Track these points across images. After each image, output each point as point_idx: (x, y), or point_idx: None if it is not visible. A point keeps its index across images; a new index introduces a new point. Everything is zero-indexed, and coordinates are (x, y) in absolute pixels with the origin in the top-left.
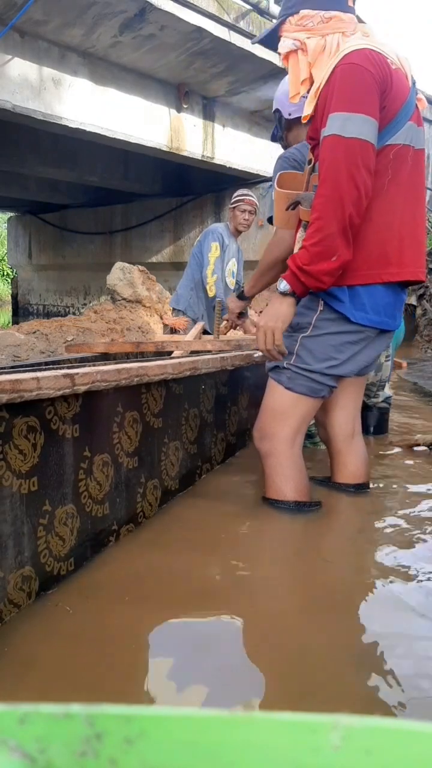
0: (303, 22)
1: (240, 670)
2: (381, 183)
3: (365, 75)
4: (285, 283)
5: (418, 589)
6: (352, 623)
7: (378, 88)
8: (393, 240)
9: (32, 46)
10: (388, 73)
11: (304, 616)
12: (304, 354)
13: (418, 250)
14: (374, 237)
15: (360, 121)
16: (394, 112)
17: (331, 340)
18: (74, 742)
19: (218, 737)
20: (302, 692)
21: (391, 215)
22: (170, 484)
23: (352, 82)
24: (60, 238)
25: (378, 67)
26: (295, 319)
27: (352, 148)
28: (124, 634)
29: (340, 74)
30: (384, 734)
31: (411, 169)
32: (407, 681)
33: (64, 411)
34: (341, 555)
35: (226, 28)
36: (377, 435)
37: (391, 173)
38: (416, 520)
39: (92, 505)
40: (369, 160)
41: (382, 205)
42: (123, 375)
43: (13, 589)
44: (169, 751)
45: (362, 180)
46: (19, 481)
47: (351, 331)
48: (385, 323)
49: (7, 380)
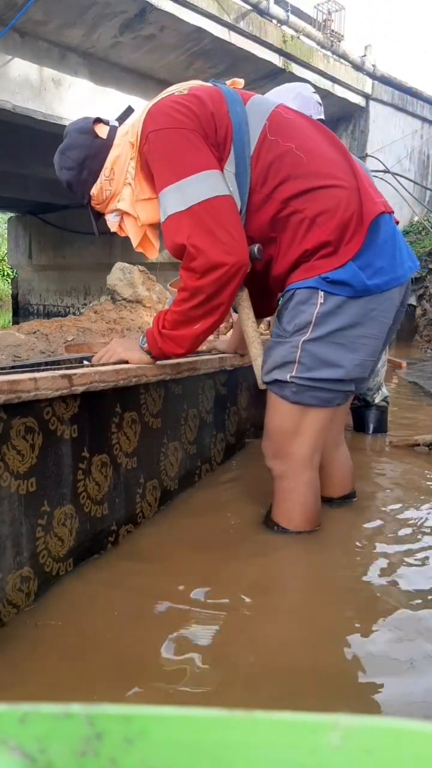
0: (100, 198)
1: (240, 673)
2: (291, 162)
3: (175, 133)
4: (145, 340)
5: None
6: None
7: (198, 132)
8: (342, 195)
9: (32, 46)
10: (198, 108)
11: (308, 634)
12: (309, 361)
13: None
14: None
15: (194, 182)
16: (228, 134)
17: (340, 337)
18: (74, 742)
19: (218, 737)
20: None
21: (327, 173)
22: (169, 484)
23: (167, 149)
24: (60, 238)
25: (185, 114)
26: (288, 319)
27: (197, 214)
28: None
29: (148, 147)
30: (384, 734)
31: (298, 124)
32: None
33: (62, 411)
34: (342, 556)
35: (226, 29)
36: (377, 434)
37: (292, 145)
38: (417, 521)
39: (91, 506)
40: (223, 213)
41: (311, 175)
42: (121, 375)
43: (11, 590)
44: (169, 751)
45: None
46: (18, 482)
47: (364, 313)
48: (399, 273)
49: (5, 381)
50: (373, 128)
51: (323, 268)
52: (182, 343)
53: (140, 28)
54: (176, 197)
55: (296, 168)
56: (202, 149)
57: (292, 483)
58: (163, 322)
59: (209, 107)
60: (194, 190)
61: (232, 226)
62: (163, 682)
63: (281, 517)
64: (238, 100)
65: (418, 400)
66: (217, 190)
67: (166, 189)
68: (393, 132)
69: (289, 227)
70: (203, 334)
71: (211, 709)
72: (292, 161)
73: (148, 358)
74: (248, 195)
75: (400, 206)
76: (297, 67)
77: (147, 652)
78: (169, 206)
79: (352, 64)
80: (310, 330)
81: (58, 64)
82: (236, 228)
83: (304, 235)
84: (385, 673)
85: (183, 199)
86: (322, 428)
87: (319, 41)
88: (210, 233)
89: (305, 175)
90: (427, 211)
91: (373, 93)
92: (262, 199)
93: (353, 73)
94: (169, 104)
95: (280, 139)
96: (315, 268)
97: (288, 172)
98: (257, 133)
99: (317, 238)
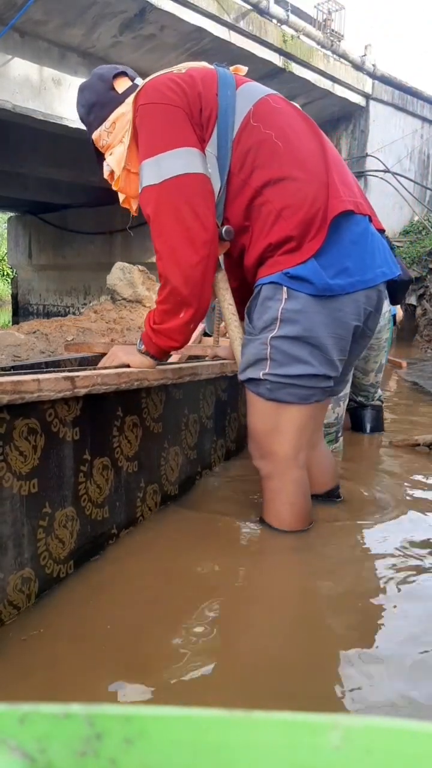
0: (99, 144)
1: (240, 676)
2: (268, 150)
3: (162, 108)
4: (141, 342)
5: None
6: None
7: (184, 110)
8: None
9: (32, 46)
10: (189, 87)
11: (301, 628)
12: (280, 357)
13: (344, 183)
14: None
15: (171, 157)
16: (212, 116)
17: (305, 334)
18: (74, 742)
19: (218, 737)
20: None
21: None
22: (170, 489)
23: (152, 123)
24: (60, 238)
25: (175, 91)
26: (257, 315)
27: (167, 189)
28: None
29: (138, 120)
30: (384, 734)
31: (286, 113)
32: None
33: (64, 413)
34: (344, 557)
35: (226, 28)
36: (374, 433)
37: (272, 133)
38: (417, 520)
39: (92, 508)
40: (193, 192)
41: (284, 165)
42: (123, 379)
43: (12, 591)
44: (169, 751)
45: (190, 216)
46: (20, 483)
47: (328, 312)
48: (368, 277)
49: (9, 381)
50: (373, 128)
51: (286, 264)
52: (174, 336)
53: (140, 28)
54: (152, 170)
55: (271, 156)
56: (185, 127)
57: (279, 483)
58: (153, 318)
59: (198, 87)
60: (169, 165)
61: (201, 206)
62: (163, 682)
63: (272, 517)
64: (230, 84)
65: (418, 399)
66: (191, 168)
67: (145, 161)
68: (393, 132)
69: (260, 217)
70: (191, 321)
71: (211, 709)
72: (268, 149)
73: (149, 361)
74: (227, 178)
75: (400, 206)
76: (297, 66)
77: (147, 651)
78: (145, 178)
79: (352, 63)
80: (277, 327)
81: (58, 64)
82: (205, 208)
83: (270, 228)
84: (385, 673)
85: (158, 173)
86: (302, 426)
87: (319, 41)
88: (176, 215)
89: (279, 164)
90: (427, 211)
91: (374, 93)
92: (239, 185)
93: (353, 72)
94: (163, 80)
95: (262, 126)
96: (278, 263)
97: (263, 159)
98: (241, 119)
99: (281, 231)
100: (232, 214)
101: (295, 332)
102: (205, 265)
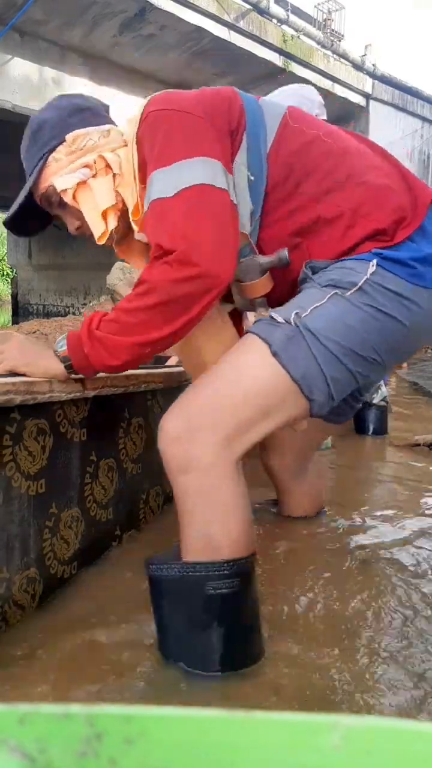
0: (80, 144)
1: (240, 676)
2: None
3: (179, 116)
4: (64, 344)
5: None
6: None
7: (205, 120)
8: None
9: (32, 46)
10: (207, 98)
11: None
12: (329, 313)
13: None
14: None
15: (190, 166)
16: (242, 124)
17: (373, 322)
18: (74, 742)
19: (218, 737)
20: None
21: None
22: (172, 492)
23: (168, 130)
24: (60, 238)
25: (192, 100)
26: (329, 273)
27: (188, 200)
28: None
29: (146, 128)
30: (384, 734)
31: (313, 118)
32: None
33: (72, 415)
34: (344, 557)
35: (226, 28)
36: (377, 435)
37: (319, 132)
38: (418, 521)
39: (97, 510)
40: (219, 209)
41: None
42: (131, 381)
43: (18, 591)
44: (169, 751)
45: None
46: (28, 483)
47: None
48: None
49: (22, 382)
50: (373, 128)
51: (377, 245)
52: (117, 353)
53: (140, 28)
54: (167, 180)
55: (326, 157)
56: (207, 136)
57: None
58: (98, 322)
59: (217, 98)
60: (189, 174)
61: (225, 226)
62: (163, 682)
63: (191, 549)
64: (250, 96)
65: (418, 399)
66: (216, 181)
67: (156, 171)
68: (393, 131)
69: (322, 228)
70: (150, 345)
71: (211, 709)
72: (319, 149)
73: (60, 369)
74: (264, 195)
75: None
76: (297, 66)
77: (148, 651)
78: (155, 191)
79: (352, 63)
80: (351, 291)
81: (58, 64)
82: (230, 230)
83: (345, 232)
84: (385, 671)
85: (175, 183)
86: (270, 423)
87: (319, 41)
88: (203, 224)
89: (339, 163)
90: None
91: (374, 92)
92: (283, 197)
93: (353, 72)
94: (174, 93)
95: (304, 127)
96: (367, 247)
97: (317, 162)
98: (275, 124)
99: (368, 227)
100: (269, 235)
101: (367, 306)
102: (212, 297)
